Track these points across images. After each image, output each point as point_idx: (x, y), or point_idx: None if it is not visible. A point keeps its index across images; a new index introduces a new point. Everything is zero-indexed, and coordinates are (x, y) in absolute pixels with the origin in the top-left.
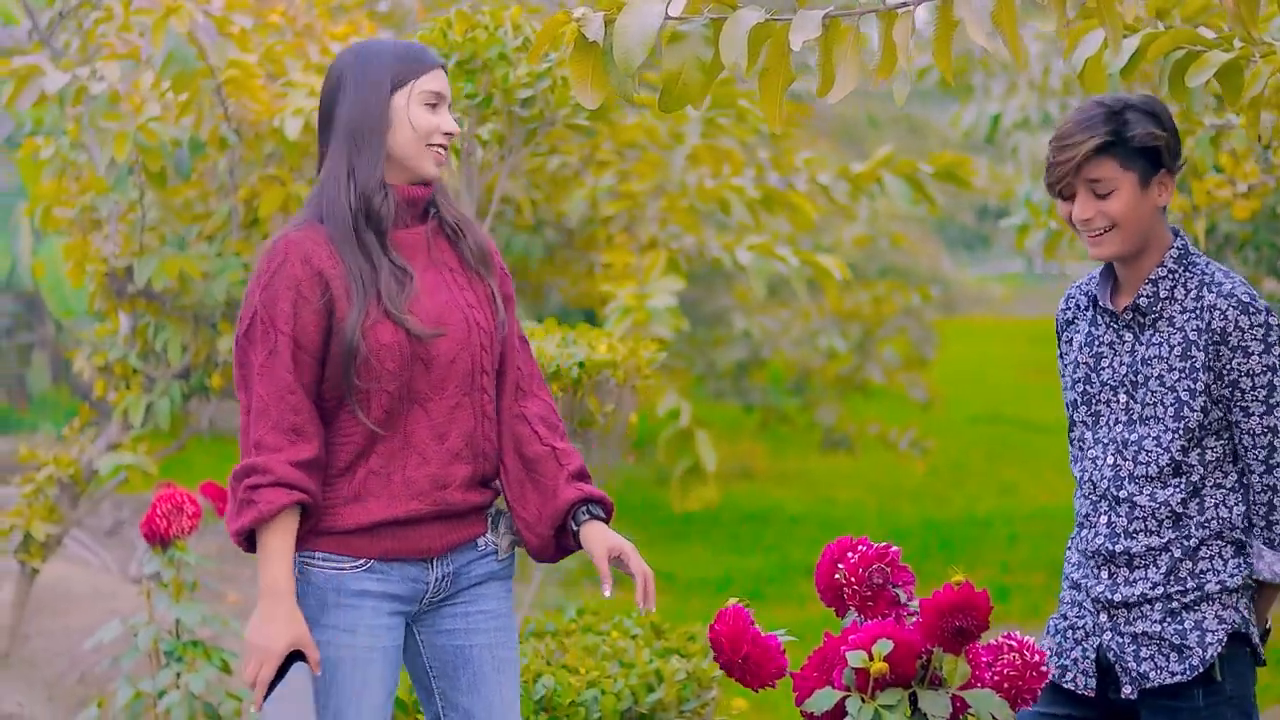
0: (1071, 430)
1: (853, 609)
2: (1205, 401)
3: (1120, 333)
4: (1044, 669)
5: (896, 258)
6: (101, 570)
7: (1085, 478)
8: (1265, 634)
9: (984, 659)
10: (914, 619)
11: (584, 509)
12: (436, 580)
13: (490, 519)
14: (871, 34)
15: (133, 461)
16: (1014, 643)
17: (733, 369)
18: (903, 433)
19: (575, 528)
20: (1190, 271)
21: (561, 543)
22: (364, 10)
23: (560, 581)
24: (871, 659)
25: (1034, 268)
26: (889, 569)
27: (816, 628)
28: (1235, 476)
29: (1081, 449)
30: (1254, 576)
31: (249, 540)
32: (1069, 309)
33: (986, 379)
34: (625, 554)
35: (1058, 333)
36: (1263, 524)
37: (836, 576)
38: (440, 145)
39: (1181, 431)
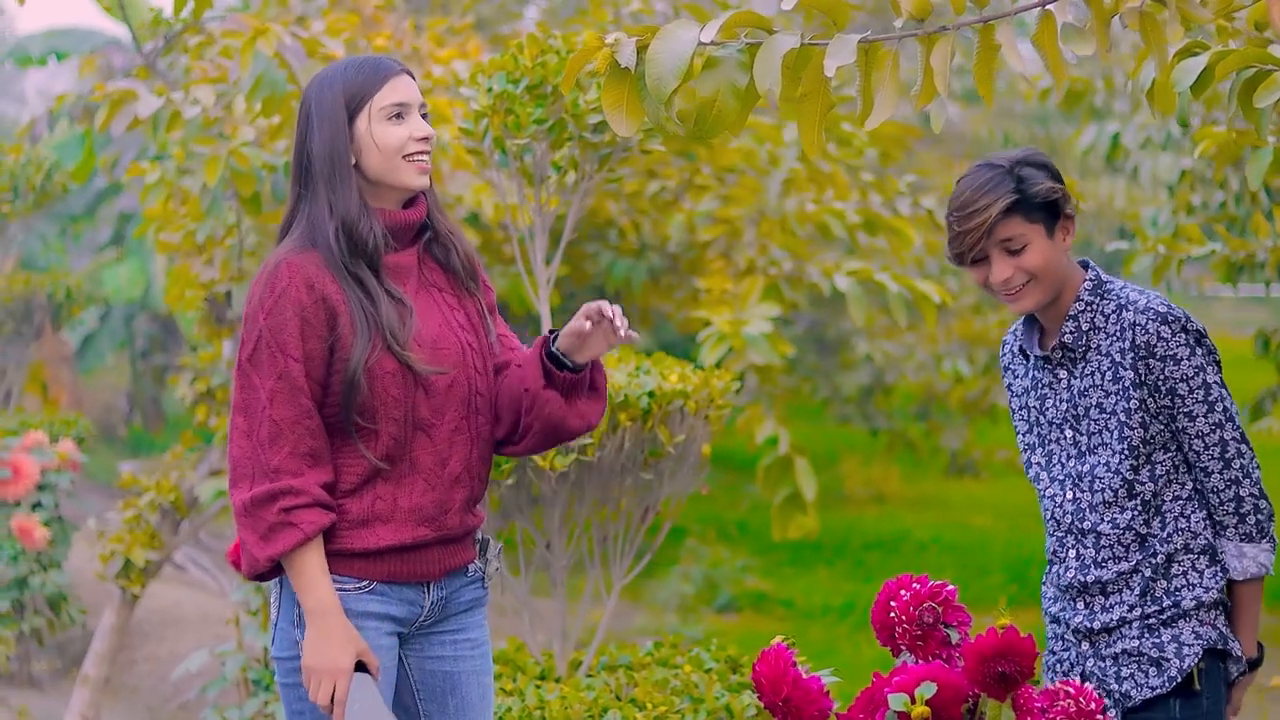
0: (1028, 470)
1: (904, 649)
2: (1143, 417)
3: (1055, 372)
4: (1100, 716)
5: None
6: (218, 595)
7: (1049, 516)
8: (1257, 662)
9: (1037, 705)
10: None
11: (552, 333)
12: (432, 604)
13: (479, 545)
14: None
15: None
16: (1070, 689)
17: (858, 394)
18: None
19: (553, 340)
20: (1106, 299)
21: (559, 378)
22: (481, 34)
23: (678, 607)
24: (914, 702)
25: (1172, 288)
26: (940, 608)
27: None
28: (1190, 485)
29: (1043, 489)
30: (1235, 579)
31: (269, 567)
32: (1006, 354)
33: None
34: (599, 304)
35: (1003, 376)
36: (1235, 520)
37: (890, 615)
38: (419, 153)
39: (1127, 451)
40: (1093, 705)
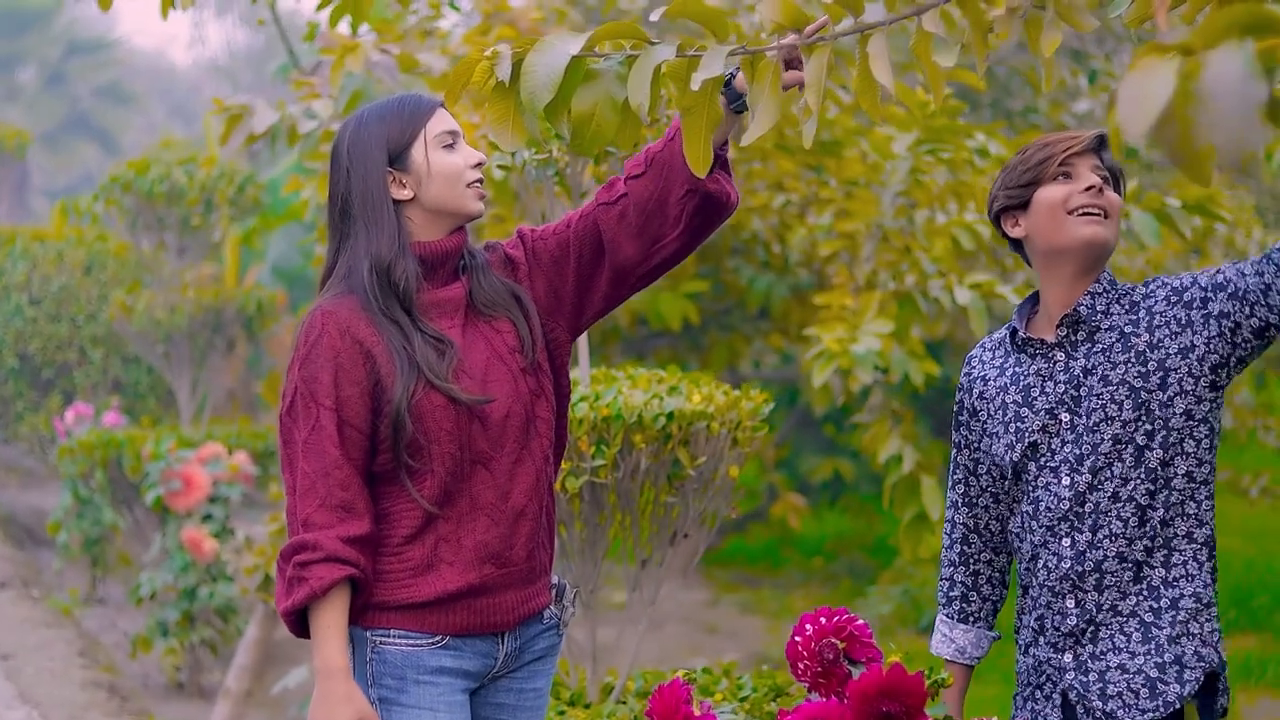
0: (995, 475)
1: (808, 686)
2: (1208, 341)
3: (1049, 355)
4: None
5: None
6: None
7: (1041, 508)
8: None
9: None
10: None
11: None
12: (505, 655)
13: (554, 591)
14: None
15: None
16: None
17: None
18: (1255, 479)
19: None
20: (1120, 292)
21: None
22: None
23: (877, 628)
24: None
25: None
26: (842, 644)
27: None
28: (1205, 469)
29: (1033, 486)
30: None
31: (298, 621)
32: (975, 365)
33: None
34: None
35: (958, 406)
36: None
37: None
38: (477, 180)
39: (1143, 416)
40: None
